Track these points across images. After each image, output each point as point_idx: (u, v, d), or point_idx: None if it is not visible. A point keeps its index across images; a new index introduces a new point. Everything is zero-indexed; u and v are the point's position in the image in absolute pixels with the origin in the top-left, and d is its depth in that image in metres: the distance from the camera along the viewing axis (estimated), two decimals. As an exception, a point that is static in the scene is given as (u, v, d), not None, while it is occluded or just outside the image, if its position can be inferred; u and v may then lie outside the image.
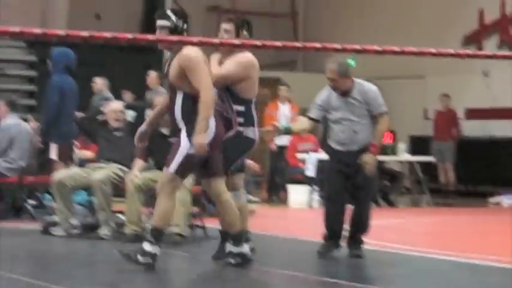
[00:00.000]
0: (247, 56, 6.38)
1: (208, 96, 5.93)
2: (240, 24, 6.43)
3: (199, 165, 6.15)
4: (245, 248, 6.23)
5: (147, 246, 6.00)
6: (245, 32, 6.41)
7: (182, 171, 6.06)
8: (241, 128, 6.32)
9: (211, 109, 5.99)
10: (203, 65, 6.01)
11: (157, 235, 6.02)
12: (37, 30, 3.35)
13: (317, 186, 11.70)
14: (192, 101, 6.01)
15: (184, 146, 6.00)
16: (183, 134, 6.02)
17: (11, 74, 15.25)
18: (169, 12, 6.26)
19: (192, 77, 5.98)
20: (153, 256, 5.99)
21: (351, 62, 6.86)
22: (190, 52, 5.98)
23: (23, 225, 8.80)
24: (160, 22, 6.19)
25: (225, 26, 6.41)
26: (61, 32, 3.36)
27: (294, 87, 13.40)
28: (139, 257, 5.97)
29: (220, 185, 6.20)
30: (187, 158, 5.99)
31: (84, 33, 3.35)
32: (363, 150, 6.78)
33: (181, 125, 6.05)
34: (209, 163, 6.13)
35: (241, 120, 6.34)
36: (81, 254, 7.22)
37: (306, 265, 6.86)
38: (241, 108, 6.35)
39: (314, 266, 6.88)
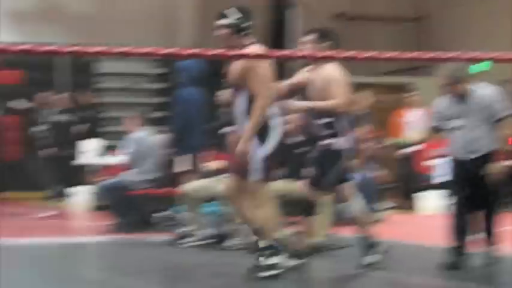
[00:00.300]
0: (341, 73, 6.37)
1: (264, 100, 5.96)
2: (323, 35, 6.47)
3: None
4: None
5: (272, 260, 6.05)
6: (326, 43, 6.42)
7: (262, 174, 6.08)
8: (327, 141, 6.37)
9: (264, 113, 5.98)
10: (267, 69, 6.05)
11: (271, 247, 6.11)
12: (164, 51, 3.48)
13: (446, 192, 11.53)
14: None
15: (256, 150, 6.04)
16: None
17: (140, 88, 15.81)
18: (230, 11, 6.18)
19: (253, 83, 6.00)
20: (277, 266, 6.06)
21: (478, 66, 6.65)
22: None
23: (154, 236, 9.09)
24: (220, 21, 6.16)
25: (307, 37, 6.47)
26: (186, 51, 3.52)
27: (420, 92, 13.20)
28: (265, 272, 6.03)
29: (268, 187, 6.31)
30: (264, 160, 6.05)
31: (211, 52, 3.46)
32: (486, 157, 6.58)
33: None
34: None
35: (330, 131, 6.38)
36: (213, 264, 7.38)
37: (433, 272, 6.80)
38: (330, 119, 6.36)
39: (442, 272, 6.79)
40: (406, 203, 12.63)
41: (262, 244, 6.09)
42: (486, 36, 15.23)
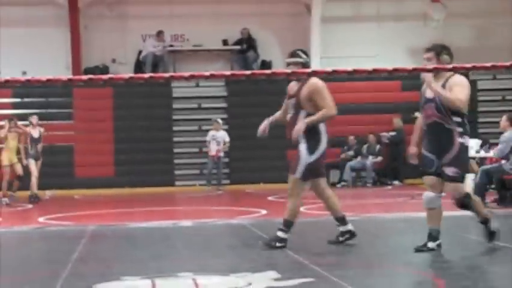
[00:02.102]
0: (464, 79, 7.32)
1: (330, 111, 7.85)
2: (440, 50, 7.35)
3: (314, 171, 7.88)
4: (350, 226, 8.14)
5: (280, 234, 7.89)
6: (445, 56, 7.29)
7: (305, 176, 7.81)
8: (461, 139, 7.20)
9: (325, 120, 7.89)
10: (327, 91, 7.84)
11: (289, 226, 7.92)
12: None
13: None
14: None
15: (305, 156, 7.82)
16: (303, 147, 7.85)
17: None
18: (299, 52, 8.14)
19: (319, 100, 7.81)
20: (284, 241, 7.86)
21: None
22: (317, 81, 7.90)
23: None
24: (292, 60, 8.07)
25: (426, 55, 7.37)
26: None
27: None
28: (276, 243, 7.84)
29: (324, 183, 8.10)
30: (309, 166, 7.78)
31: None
32: None
33: (302, 138, 7.86)
34: (321, 168, 8.00)
35: (460, 130, 7.21)
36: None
37: None
38: (458, 119, 7.22)
39: None
40: None
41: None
42: None
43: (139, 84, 21.43)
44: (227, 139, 19.58)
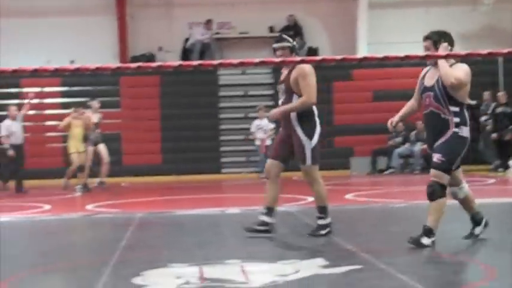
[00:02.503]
0: (466, 66, 7.08)
1: (309, 100, 7.74)
2: (437, 38, 7.07)
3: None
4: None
5: (321, 222, 7.96)
6: (444, 44, 7.02)
7: (315, 160, 7.88)
8: (456, 129, 6.94)
9: (304, 108, 7.74)
10: (313, 77, 7.76)
11: (324, 211, 7.93)
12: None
13: None
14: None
15: (307, 143, 7.84)
16: (301, 133, 7.83)
17: None
18: (286, 37, 8.00)
19: (302, 85, 7.73)
20: (328, 226, 7.93)
21: None
22: (306, 66, 7.73)
23: None
24: (280, 44, 7.92)
25: (423, 43, 7.16)
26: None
27: None
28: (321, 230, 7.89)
29: (316, 170, 7.99)
30: (314, 150, 7.86)
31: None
32: None
33: (296, 124, 7.83)
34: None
35: (457, 120, 6.96)
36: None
37: None
38: (456, 109, 6.98)
39: None
40: None
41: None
42: None
43: (186, 72, 21.49)
44: (271, 126, 19.55)
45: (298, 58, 7.64)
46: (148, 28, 22.34)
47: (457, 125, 6.97)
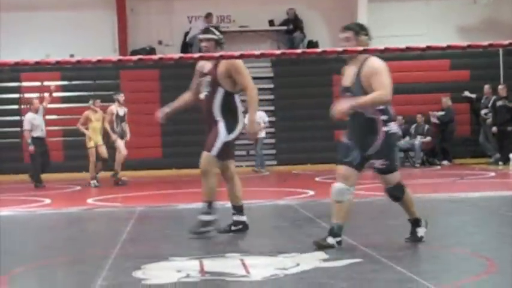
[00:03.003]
0: (381, 63, 6.65)
1: (255, 94, 7.63)
2: (358, 29, 6.76)
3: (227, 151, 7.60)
4: (245, 218, 7.81)
5: (204, 217, 7.53)
6: (364, 37, 6.72)
7: (219, 155, 7.55)
8: (386, 128, 6.60)
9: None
10: (246, 69, 7.58)
11: (210, 207, 7.56)
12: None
13: None
14: (231, 98, 7.66)
15: (223, 135, 7.56)
16: (222, 125, 7.60)
17: None
18: (213, 29, 7.84)
19: (239, 78, 7.54)
20: (211, 222, 7.57)
21: None
22: (237, 60, 7.42)
23: None
24: (205, 36, 7.74)
25: (343, 34, 6.72)
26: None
27: None
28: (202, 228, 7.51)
29: (234, 166, 7.88)
30: (225, 145, 7.56)
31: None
32: None
33: (219, 117, 7.63)
34: (231, 150, 7.73)
35: (384, 117, 6.60)
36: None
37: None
38: (382, 107, 6.57)
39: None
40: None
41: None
42: None
43: (186, 66, 21.40)
44: (266, 119, 19.53)
45: (299, 50, 7.44)
46: (148, 22, 22.31)
47: (386, 123, 6.62)
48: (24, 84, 21.24)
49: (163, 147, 21.04)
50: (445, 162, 19.84)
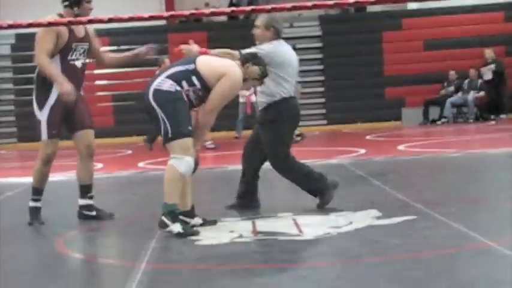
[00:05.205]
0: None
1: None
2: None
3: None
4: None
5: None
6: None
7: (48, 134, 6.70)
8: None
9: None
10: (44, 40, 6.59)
11: (36, 192, 6.79)
12: None
13: None
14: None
15: (37, 113, 6.71)
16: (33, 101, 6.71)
17: None
18: None
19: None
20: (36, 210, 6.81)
21: None
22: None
23: None
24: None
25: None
26: None
27: None
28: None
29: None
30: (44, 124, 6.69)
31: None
32: None
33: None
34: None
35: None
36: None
37: None
38: None
39: None
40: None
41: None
42: None
43: (233, 27, 21.37)
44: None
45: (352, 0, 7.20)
46: (195, -16, 22.24)
47: None
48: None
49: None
50: (502, 116, 19.43)
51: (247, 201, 6.92)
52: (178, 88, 5.85)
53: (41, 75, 6.68)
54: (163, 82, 5.89)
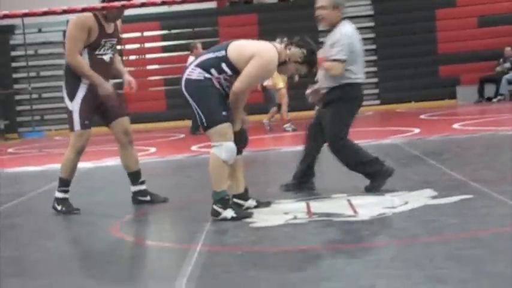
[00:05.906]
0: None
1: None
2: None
3: None
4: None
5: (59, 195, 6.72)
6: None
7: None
8: None
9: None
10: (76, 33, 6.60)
11: (63, 184, 6.75)
12: None
13: None
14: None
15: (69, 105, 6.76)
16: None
17: None
18: None
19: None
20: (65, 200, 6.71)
21: None
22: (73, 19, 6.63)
23: None
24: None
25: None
26: None
27: None
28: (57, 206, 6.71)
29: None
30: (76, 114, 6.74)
31: None
32: None
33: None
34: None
35: None
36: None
37: None
38: None
39: None
40: None
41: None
42: None
43: (283, 9, 21.27)
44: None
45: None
46: (245, -34, 22.16)
47: None
48: (124, 35, 21.51)
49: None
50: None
51: (303, 183, 6.89)
52: (208, 75, 5.80)
53: (70, 68, 6.71)
54: (193, 71, 5.86)
